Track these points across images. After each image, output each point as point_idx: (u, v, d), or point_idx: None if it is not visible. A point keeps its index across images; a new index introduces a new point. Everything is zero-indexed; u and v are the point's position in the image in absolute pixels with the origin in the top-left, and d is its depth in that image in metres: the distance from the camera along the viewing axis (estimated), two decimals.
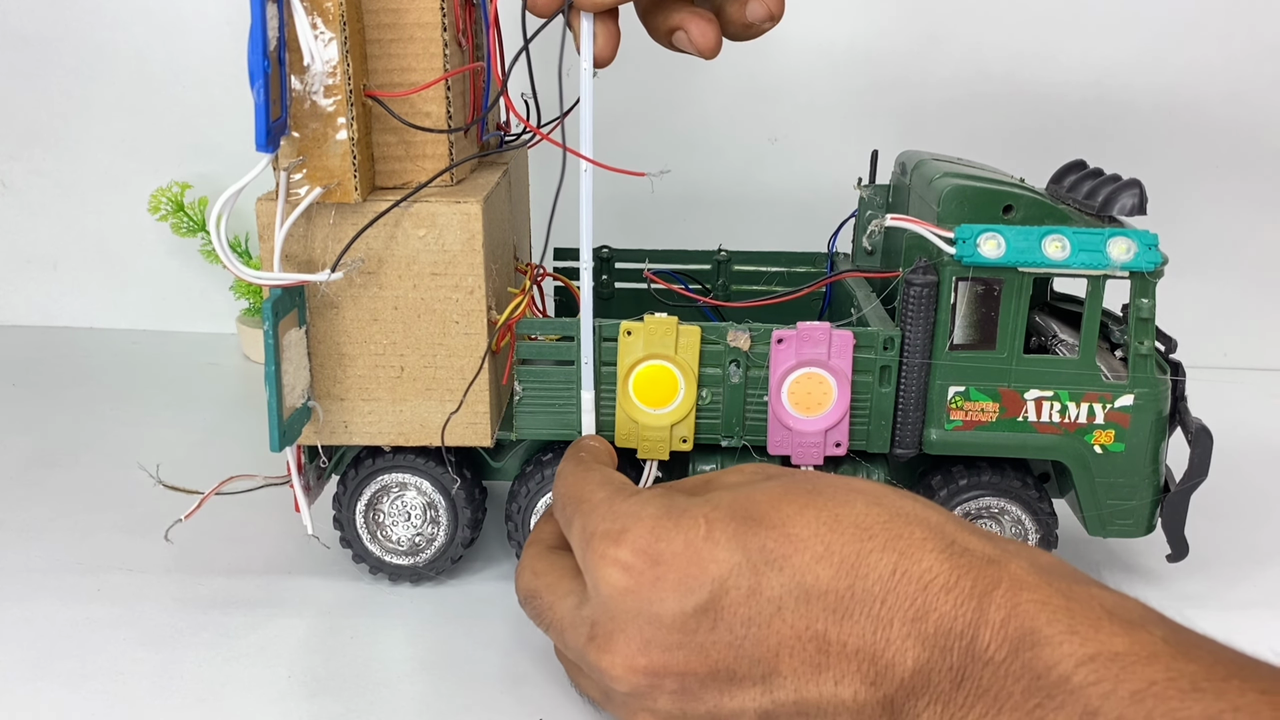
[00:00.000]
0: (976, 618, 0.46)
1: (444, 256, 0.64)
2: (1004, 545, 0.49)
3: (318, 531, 0.72)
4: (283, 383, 0.62)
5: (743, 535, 0.50)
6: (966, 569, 0.47)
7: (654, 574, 0.51)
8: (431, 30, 0.63)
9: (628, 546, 0.52)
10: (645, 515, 0.53)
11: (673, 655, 0.51)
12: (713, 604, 0.50)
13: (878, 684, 0.47)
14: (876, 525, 0.50)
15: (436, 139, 0.65)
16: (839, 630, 0.48)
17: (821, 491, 0.52)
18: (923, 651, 0.46)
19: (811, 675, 0.49)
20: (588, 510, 0.56)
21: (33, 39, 1.16)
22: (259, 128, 0.57)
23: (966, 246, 0.64)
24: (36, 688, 0.63)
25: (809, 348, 0.66)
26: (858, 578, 0.48)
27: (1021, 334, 0.66)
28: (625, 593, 0.51)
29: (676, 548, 0.51)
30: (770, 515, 0.51)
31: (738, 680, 0.50)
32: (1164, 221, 1.13)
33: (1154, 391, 0.67)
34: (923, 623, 0.46)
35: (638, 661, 0.51)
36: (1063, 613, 0.45)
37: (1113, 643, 0.43)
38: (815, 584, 0.48)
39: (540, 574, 0.59)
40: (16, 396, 1.07)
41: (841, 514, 0.50)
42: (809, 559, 0.49)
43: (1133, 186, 0.66)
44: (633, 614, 0.51)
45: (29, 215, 1.22)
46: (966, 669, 0.45)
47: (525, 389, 0.68)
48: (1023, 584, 0.46)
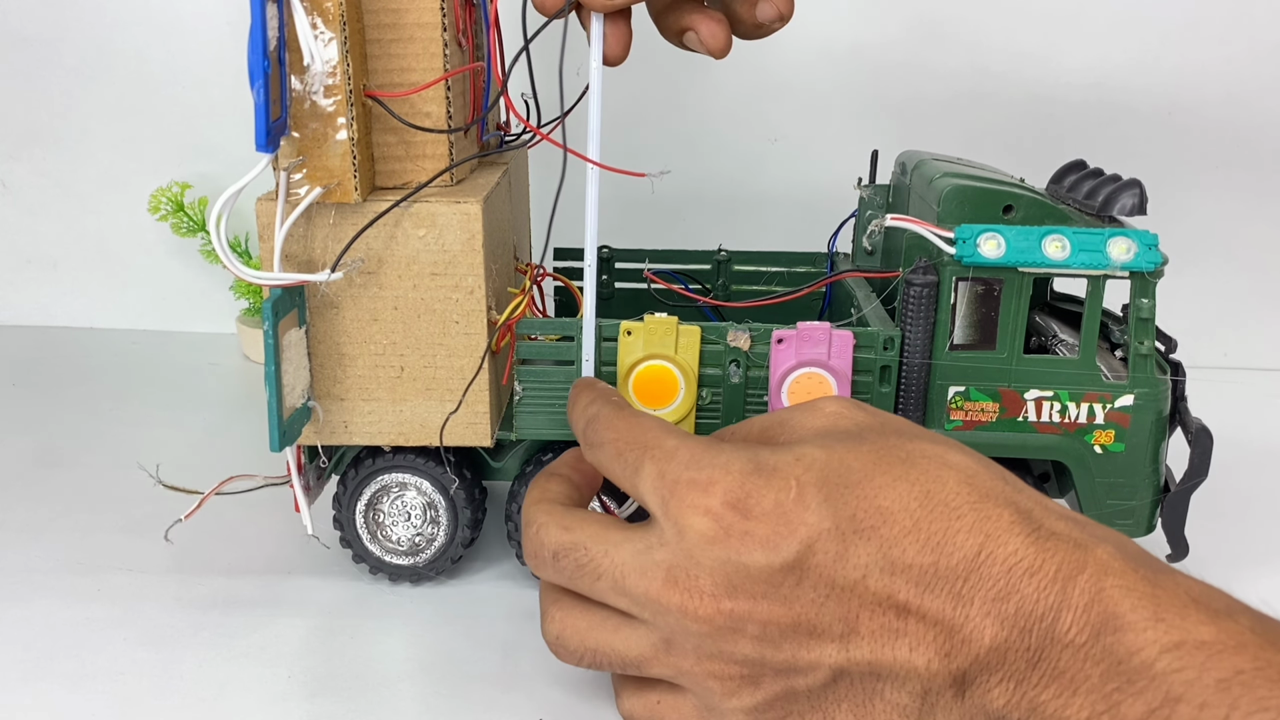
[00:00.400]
0: (1059, 601, 0.46)
1: (444, 256, 0.64)
2: (1091, 530, 0.49)
3: (319, 532, 0.72)
4: (283, 383, 0.62)
5: (834, 501, 0.50)
6: (1052, 553, 0.47)
7: (743, 527, 0.50)
8: (432, 30, 0.63)
9: (718, 497, 0.51)
10: (734, 469, 0.52)
11: (758, 603, 0.50)
12: (799, 564, 0.50)
13: (951, 656, 0.48)
14: (966, 505, 0.49)
15: (436, 139, 0.65)
16: (920, 601, 0.48)
17: (915, 463, 0.51)
18: (1001, 630, 0.46)
19: (888, 639, 0.49)
20: (662, 457, 0.54)
21: (33, 39, 1.16)
22: (259, 128, 0.57)
23: (966, 246, 0.64)
24: (36, 688, 0.63)
25: (809, 348, 0.66)
26: (943, 555, 0.48)
27: (1021, 334, 0.66)
28: (712, 541, 0.51)
29: (767, 505, 0.50)
30: (863, 485, 0.50)
31: (817, 634, 0.50)
32: (1164, 221, 1.13)
33: (1154, 391, 0.67)
34: (1004, 603, 0.47)
35: (724, 604, 0.51)
36: (1148, 599, 0.45)
37: (1199, 631, 0.43)
38: (901, 557, 0.49)
39: (573, 527, 0.57)
40: (16, 396, 1.07)
41: (933, 491, 0.50)
42: (897, 532, 0.49)
43: (1133, 186, 0.66)
44: (720, 560, 0.51)
45: (29, 215, 1.22)
46: (1044, 650, 0.46)
47: (525, 389, 0.68)
48: (1108, 569, 0.46)
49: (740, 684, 0.53)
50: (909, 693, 0.50)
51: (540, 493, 0.61)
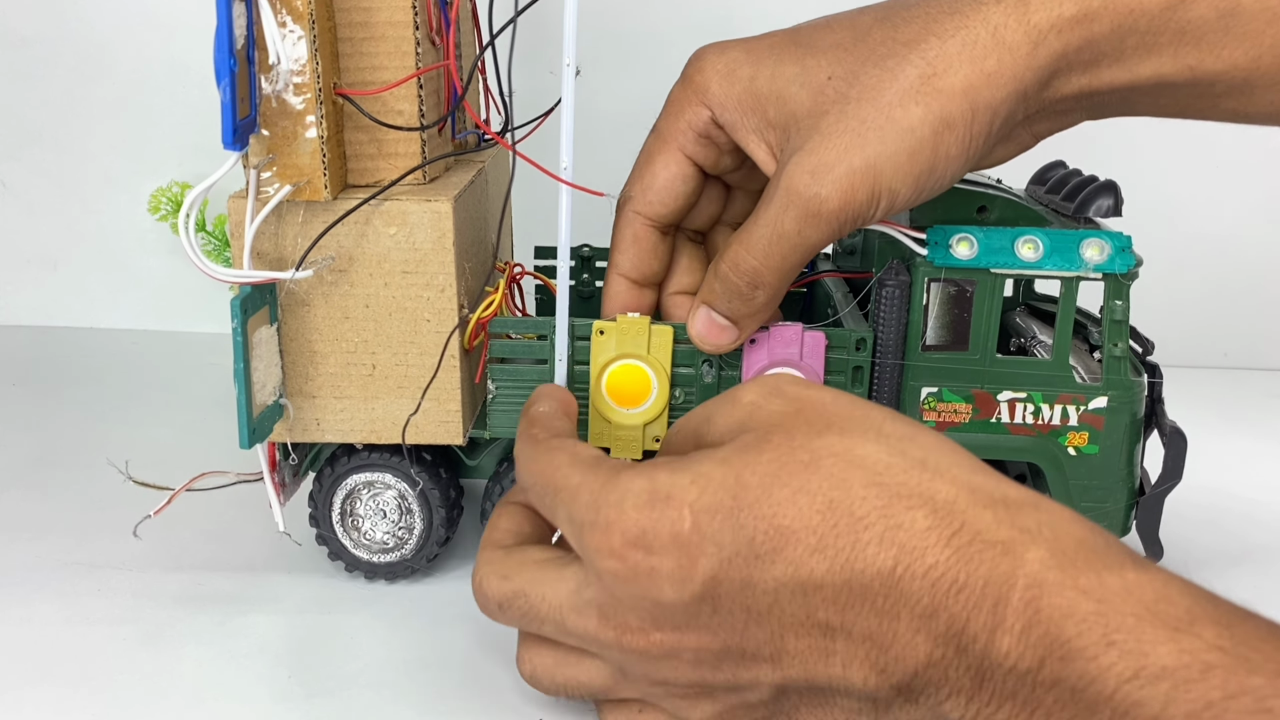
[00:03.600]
0: (992, 622, 0.43)
1: (415, 255, 0.64)
2: (1021, 520, 0.46)
3: (297, 530, 0.72)
4: (253, 380, 0.62)
5: (730, 527, 0.48)
6: (977, 564, 0.44)
7: (648, 564, 0.49)
8: (403, 29, 0.63)
9: (617, 537, 0.50)
10: (628, 505, 0.50)
11: (684, 633, 0.50)
12: (708, 594, 0.49)
13: (888, 672, 0.46)
14: (873, 513, 0.47)
15: (409, 137, 0.65)
16: (841, 619, 0.47)
17: (819, 467, 0.48)
18: (935, 648, 0.45)
19: (820, 658, 0.48)
20: (569, 499, 0.54)
21: (33, 39, 1.16)
22: (225, 126, 0.58)
23: (938, 248, 0.64)
24: (36, 688, 0.63)
25: (781, 348, 0.66)
26: (854, 573, 0.46)
27: (994, 335, 0.65)
28: (624, 580, 0.50)
29: (664, 539, 0.49)
30: (760, 504, 0.48)
31: (749, 656, 0.50)
32: (1165, 221, 1.14)
33: (1128, 393, 0.66)
34: (933, 620, 0.45)
35: (654, 636, 0.51)
36: (1095, 618, 0.41)
37: (1157, 653, 0.40)
38: (810, 577, 0.47)
39: (511, 575, 0.57)
40: (16, 396, 1.08)
41: (836, 499, 0.47)
42: (802, 552, 0.47)
43: (1109, 188, 0.66)
44: (637, 597, 0.50)
45: (29, 215, 1.23)
46: (987, 672, 0.44)
47: (499, 387, 0.68)
48: (1042, 583, 0.43)
49: (697, 698, 0.53)
50: (858, 699, 0.49)
51: (486, 536, 0.61)
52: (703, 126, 0.65)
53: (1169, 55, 0.57)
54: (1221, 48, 0.57)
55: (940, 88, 0.57)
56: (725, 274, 0.62)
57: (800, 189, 0.58)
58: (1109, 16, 0.56)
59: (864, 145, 0.57)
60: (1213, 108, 0.60)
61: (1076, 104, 0.61)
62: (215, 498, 0.72)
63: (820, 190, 0.58)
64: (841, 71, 0.59)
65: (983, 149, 0.59)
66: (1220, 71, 0.57)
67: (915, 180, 0.58)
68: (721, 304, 0.63)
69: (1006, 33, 0.56)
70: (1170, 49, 0.57)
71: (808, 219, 0.58)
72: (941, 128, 0.57)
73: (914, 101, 0.57)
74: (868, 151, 0.57)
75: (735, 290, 0.62)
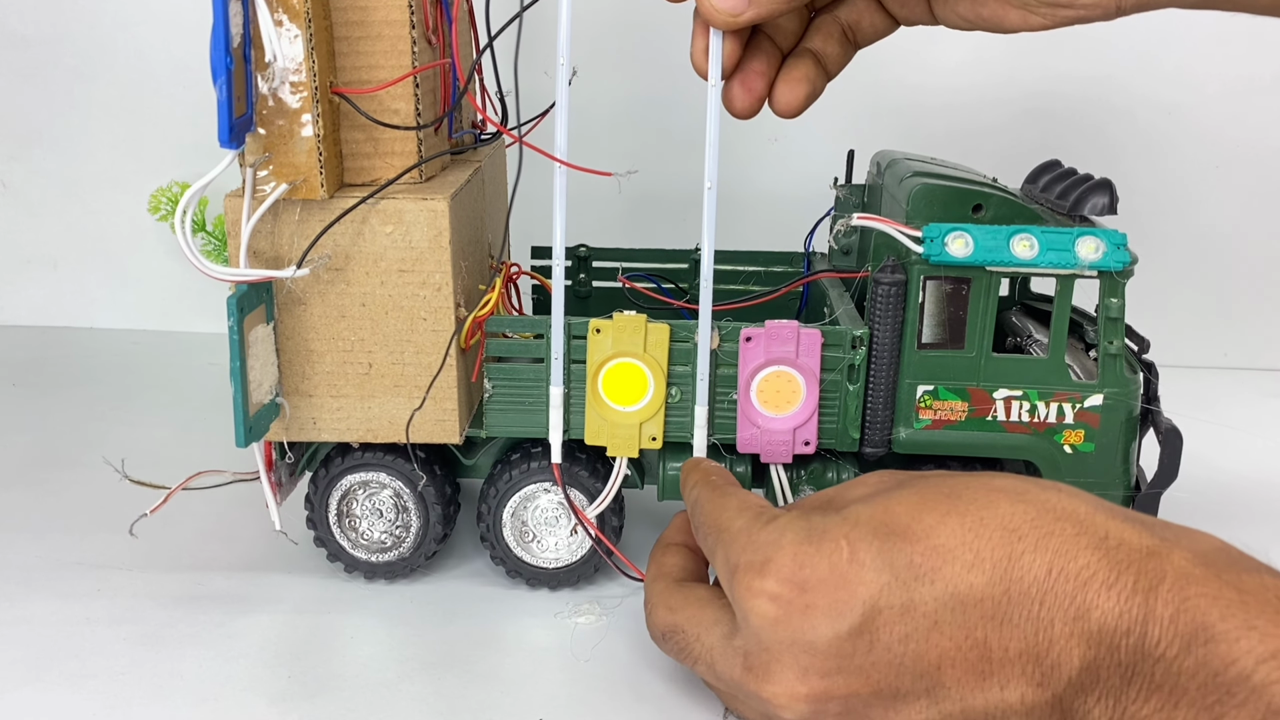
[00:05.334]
0: (1143, 614, 0.44)
1: (411, 253, 0.64)
2: (1161, 533, 0.47)
3: (296, 529, 0.72)
4: (249, 379, 0.62)
5: (888, 552, 0.49)
6: (1126, 564, 0.46)
7: (803, 602, 0.50)
8: (400, 28, 0.63)
9: (773, 576, 0.51)
10: (785, 543, 0.52)
11: (833, 680, 0.50)
12: (866, 625, 0.49)
13: (1045, 684, 0.47)
14: (1025, 525, 0.48)
15: (405, 136, 0.65)
16: (999, 636, 0.47)
17: (960, 495, 0.50)
18: (1089, 650, 0.45)
19: (976, 683, 0.48)
20: (728, 540, 0.55)
21: (33, 39, 1.17)
22: (221, 124, 0.58)
23: (934, 245, 0.64)
24: (36, 688, 0.63)
25: (777, 346, 0.66)
26: (1012, 581, 0.47)
27: (990, 333, 0.65)
28: (776, 623, 0.50)
29: (822, 573, 0.50)
30: (913, 527, 0.50)
31: (901, 696, 0.49)
32: (1165, 221, 1.14)
33: (1124, 391, 0.66)
34: (1085, 621, 0.45)
35: (798, 690, 0.50)
36: (1236, 606, 0.43)
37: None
38: (969, 593, 0.47)
39: (676, 609, 0.58)
40: (16, 396, 1.08)
41: (986, 517, 0.49)
42: (959, 568, 0.48)
43: (1104, 186, 0.65)
44: (787, 643, 0.50)
45: (29, 215, 1.23)
46: (1136, 665, 0.44)
47: (495, 387, 0.68)
48: (1189, 577, 0.44)
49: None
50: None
51: (656, 569, 0.63)
52: None
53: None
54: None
55: None
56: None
57: None
58: None
59: None
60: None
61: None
62: (216, 498, 0.72)
63: None
64: None
65: None
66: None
67: None
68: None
69: None
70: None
71: None
72: None
73: None
74: None
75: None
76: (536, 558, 0.72)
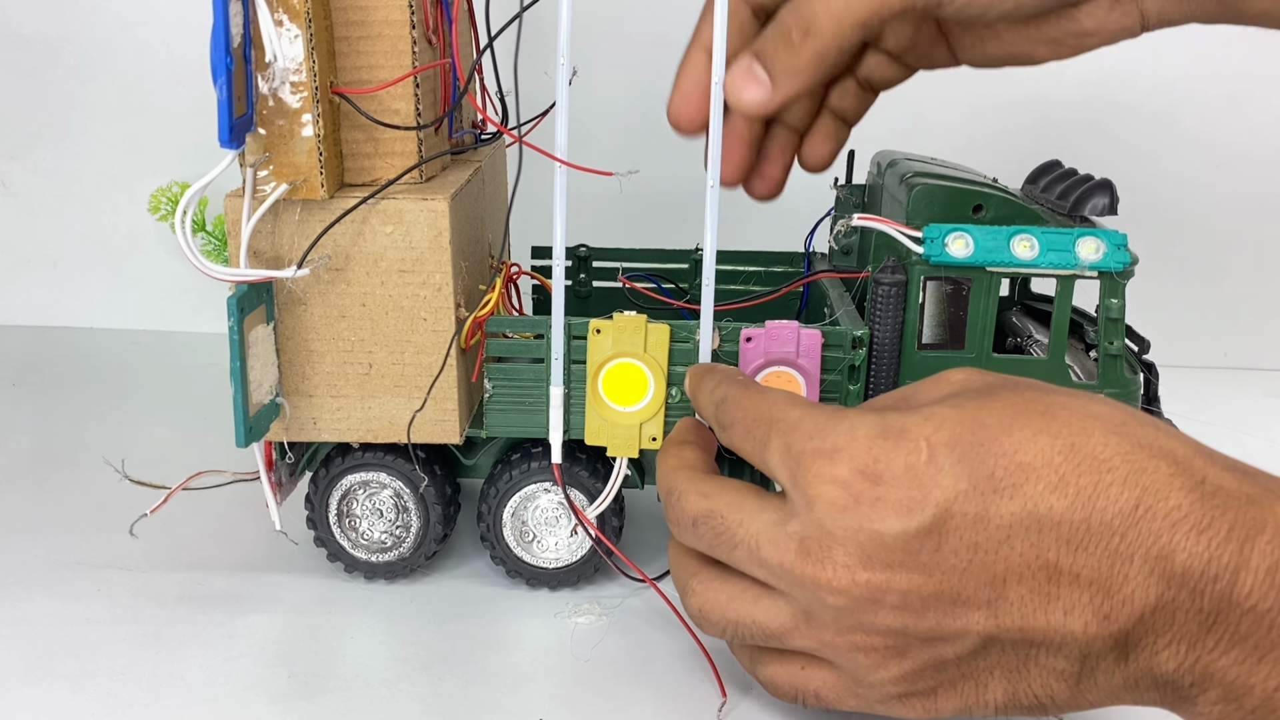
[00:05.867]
0: (1236, 562, 0.43)
1: (411, 254, 0.64)
2: (1264, 483, 0.46)
3: (297, 529, 0.73)
4: (249, 379, 0.62)
5: (969, 460, 0.48)
6: (1222, 510, 0.44)
7: (874, 493, 0.48)
8: (400, 28, 0.63)
9: (845, 464, 0.49)
10: (859, 434, 0.50)
11: (895, 573, 0.48)
12: (937, 527, 0.47)
13: (1111, 618, 0.45)
14: (1117, 457, 0.46)
15: (405, 136, 0.65)
16: (1072, 560, 0.46)
17: (1056, 416, 0.48)
18: (1167, 590, 0.44)
19: (1040, 604, 0.47)
20: (787, 429, 0.53)
21: (33, 39, 1.17)
22: (221, 124, 0.58)
23: (934, 246, 0.64)
24: (36, 688, 0.63)
25: (777, 346, 0.66)
26: (1095, 510, 0.45)
27: (990, 333, 0.65)
28: (844, 510, 0.49)
29: (897, 470, 0.48)
30: (1000, 440, 0.48)
31: (962, 602, 0.48)
32: (1165, 221, 1.14)
33: (1124, 392, 0.66)
34: (1168, 561, 0.44)
35: (859, 575, 0.49)
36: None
37: None
38: (1048, 514, 0.46)
39: (711, 495, 0.55)
40: (16, 396, 1.08)
41: (1078, 443, 0.47)
42: (1042, 488, 0.46)
43: (1104, 186, 0.65)
44: (853, 529, 0.49)
45: (29, 215, 1.23)
46: (1220, 613, 0.43)
47: (495, 387, 0.68)
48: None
49: (885, 655, 0.51)
50: (1066, 657, 0.48)
51: (677, 460, 0.60)
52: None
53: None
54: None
55: None
56: (782, 17, 0.60)
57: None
58: None
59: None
60: None
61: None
62: (216, 498, 0.72)
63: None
64: None
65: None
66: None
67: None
68: (767, 50, 0.60)
69: None
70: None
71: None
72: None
73: None
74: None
75: (784, 34, 0.59)
76: (537, 558, 0.72)
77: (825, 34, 0.59)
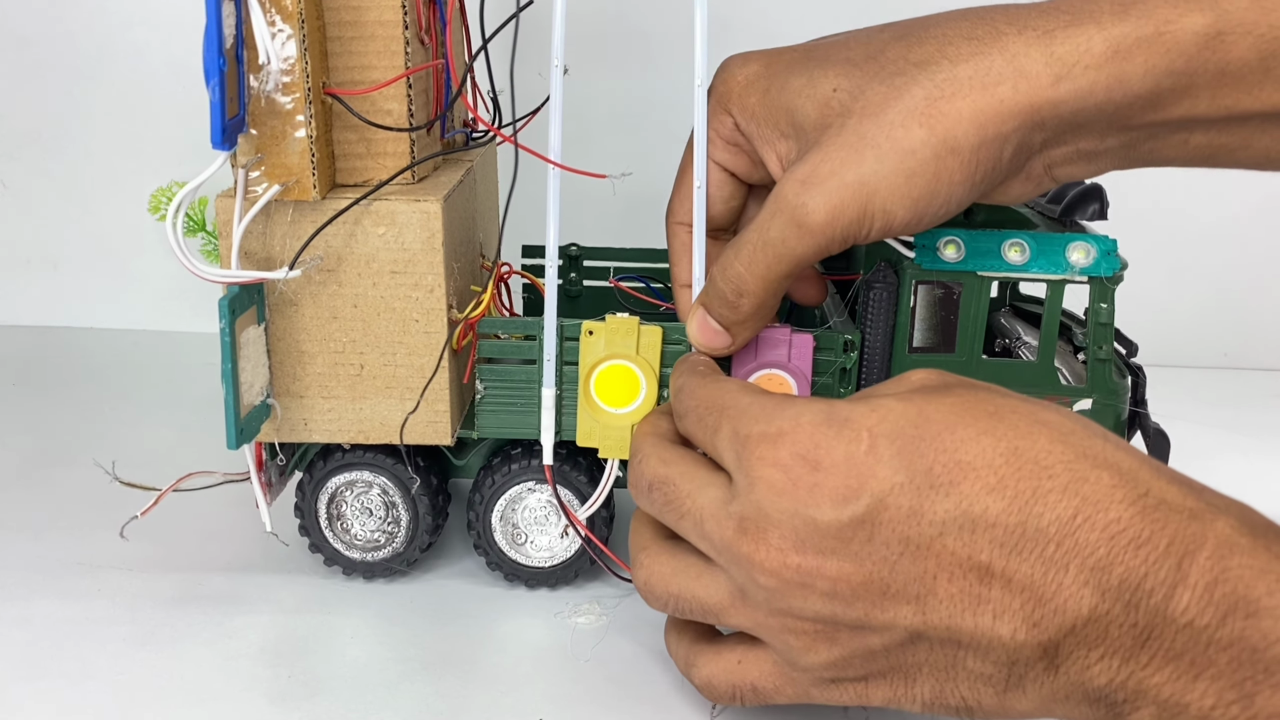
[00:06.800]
0: (1174, 577, 0.43)
1: (403, 255, 0.64)
2: (1209, 498, 0.46)
3: (288, 530, 0.73)
4: (240, 380, 0.62)
5: (908, 454, 0.48)
6: (1163, 524, 0.44)
7: (811, 479, 0.49)
8: (393, 28, 0.63)
9: (786, 449, 0.50)
10: (804, 421, 0.51)
11: (826, 559, 0.49)
12: (870, 518, 0.48)
13: (1041, 626, 0.45)
14: (1059, 465, 0.46)
15: (398, 137, 0.65)
16: (1005, 564, 0.46)
17: (1004, 418, 0.48)
18: (1101, 602, 0.44)
19: (969, 605, 0.47)
20: (736, 414, 0.54)
21: (33, 39, 1.17)
22: (214, 125, 0.58)
23: (926, 250, 0.64)
24: (36, 687, 0.63)
25: (769, 349, 0.66)
26: (1031, 515, 0.45)
27: (981, 337, 0.66)
28: (781, 493, 0.50)
29: (837, 457, 0.49)
30: (942, 437, 0.48)
31: (891, 595, 0.48)
32: (1165, 220, 1.14)
33: (1112, 396, 0.66)
34: (1104, 574, 0.44)
35: (790, 558, 0.50)
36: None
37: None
38: (983, 515, 0.46)
39: (670, 462, 0.57)
40: (16, 396, 1.08)
41: (1021, 447, 0.47)
42: (979, 488, 0.46)
43: (1095, 192, 0.66)
44: (789, 513, 0.50)
45: (29, 215, 1.23)
46: (1154, 629, 0.43)
47: (487, 388, 0.68)
48: (1233, 546, 0.43)
49: (815, 639, 0.51)
50: (994, 662, 0.47)
51: (650, 426, 0.62)
52: (729, 133, 0.64)
53: (1206, 96, 0.54)
54: (1261, 89, 0.53)
55: (946, 111, 0.54)
56: (714, 277, 0.62)
57: (789, 197, 0.57)
58: (1142, 55, 0.53)
59: (860, 162, 0.56)
60: (1244, 147, 0.57)
61: (1104, 147, 0.57)
62: (216, 498, 0.72)
63: (807, 201, 0.56)
64: (848, 85, 0.57)
65: (990, 177, 0.56)
66: (1256, 111, 0.54)
67: (913, 204, 0.56)
68: (713, 307, 0.63)
69: (1026, 61, 0.54)
70: (1207, 91, 0.54)
71: (792, 228, 0.57)
72: (944, 151, 0.55)
73: (917, 123, 0.55)
74: (863, 169, 0.55)
75: (722, 296, 0.62)
76: (531, 558, 0.72)
77: (756, 292, 0.61)
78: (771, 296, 0.62)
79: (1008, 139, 0.55)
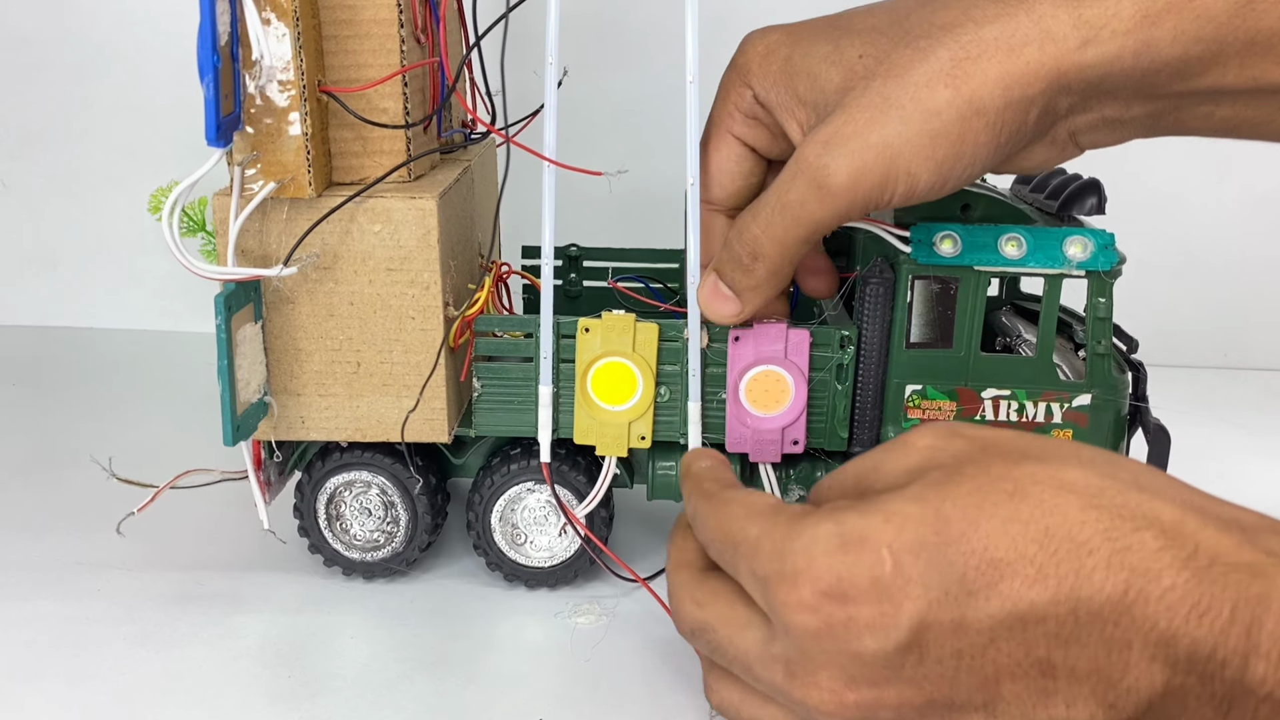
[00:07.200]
0: (1244, 647, 0.39)
1: (400, 252, 0.64)
2: (1266, 543, 0.42)
3: (287, 529, 0.73)
4: (237, 378, 0.62)
5: (937, 566, 0.44)
6: (1222, 587, 0.40)
7: (844, 614, 0.45)
8: (388, 26, 0.63)
9: (808, 588, 0.46)
10: (817, 551, 0.47)
11: (884, 689, 0.46)
12: (915, 641, 0.45)
13: (1118, 707, 0.42)
14: (1097, 537, 0.42)
15: (393, 135, 0.65)
16: (1065, 655, 0.43)
17: (1025, 495, 0.44)
18: (1174, 676, 0.41)
19: (1039, 700, 0.44)
20: (748, 553, 0.50)
21: (33, 39, 1.17)
22: (209, 122, 0.58)
23: (922, 245, 0.64)
24: (36, 687, 0.63)
25: (766, 345, 0.66)
26: (1080, 601, 0.42)
27: (978, 333, 0.65)
28: (817, 635, 0.46)
29: (862, 585, 0.45)
30: (967, 537, 0.44)
31: (958, 707, 0.45)
32: (1165, 220, 1.14)
33: (1112, 391, 0.66)
34: (1170, 647, 0.41)
35: (847, 697, 0.47)
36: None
37: None
38: (1030, 611, 0.43)
39: (704, 604, 0.54)
40: (16, 396, 1.08)
41: (1052, 526, 0.43)
42: (1019, 584, 0.43)
43: (1093, 186, 0.65)
44: (832, 653, 0.46)
45: (29, 215, 1.23)
46: (1235, 699, 0.40)
47: (484, 385, 0.68)
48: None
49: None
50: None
51: (678, 555, 0.58)
52: (748, 107, 0.63)
53: (1234, 65, 0.52)
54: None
55: (972, 72, 0.53)
56: (730, 240, 0.61)
57: (810, 158, 0.56)
58: (1171, 20, 0.51)
59: (884, 123, 0.54)
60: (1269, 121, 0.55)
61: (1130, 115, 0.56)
62: (216, 497, 0.72)
63: (830, 161, 0.55)
64: (874, 51, 0.56)
65: (1015, 140, 0.55)
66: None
67: (937, 166, 0.54)
68: (725, 271, 0.62)
69: (1053, 23, 0.52)
70: (1236, 60, 0.52)
71: (813, 190, 0.56)
72: (970, 113, 0.53)
73: (942, 84, 0.53)
74: (887, 131, 0.54)
75: (736, 259, 0.61)
76: (531, 559, 0.72)
77: (773, 256, 0.60)
78: (787, 263, 0.60)
79: (1033, 102, 0.54)
